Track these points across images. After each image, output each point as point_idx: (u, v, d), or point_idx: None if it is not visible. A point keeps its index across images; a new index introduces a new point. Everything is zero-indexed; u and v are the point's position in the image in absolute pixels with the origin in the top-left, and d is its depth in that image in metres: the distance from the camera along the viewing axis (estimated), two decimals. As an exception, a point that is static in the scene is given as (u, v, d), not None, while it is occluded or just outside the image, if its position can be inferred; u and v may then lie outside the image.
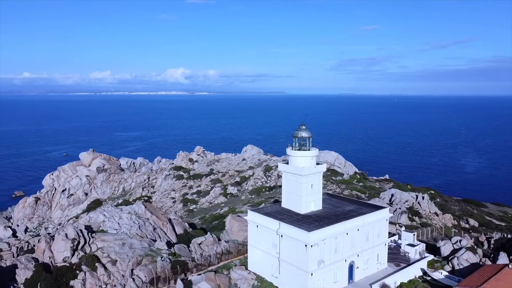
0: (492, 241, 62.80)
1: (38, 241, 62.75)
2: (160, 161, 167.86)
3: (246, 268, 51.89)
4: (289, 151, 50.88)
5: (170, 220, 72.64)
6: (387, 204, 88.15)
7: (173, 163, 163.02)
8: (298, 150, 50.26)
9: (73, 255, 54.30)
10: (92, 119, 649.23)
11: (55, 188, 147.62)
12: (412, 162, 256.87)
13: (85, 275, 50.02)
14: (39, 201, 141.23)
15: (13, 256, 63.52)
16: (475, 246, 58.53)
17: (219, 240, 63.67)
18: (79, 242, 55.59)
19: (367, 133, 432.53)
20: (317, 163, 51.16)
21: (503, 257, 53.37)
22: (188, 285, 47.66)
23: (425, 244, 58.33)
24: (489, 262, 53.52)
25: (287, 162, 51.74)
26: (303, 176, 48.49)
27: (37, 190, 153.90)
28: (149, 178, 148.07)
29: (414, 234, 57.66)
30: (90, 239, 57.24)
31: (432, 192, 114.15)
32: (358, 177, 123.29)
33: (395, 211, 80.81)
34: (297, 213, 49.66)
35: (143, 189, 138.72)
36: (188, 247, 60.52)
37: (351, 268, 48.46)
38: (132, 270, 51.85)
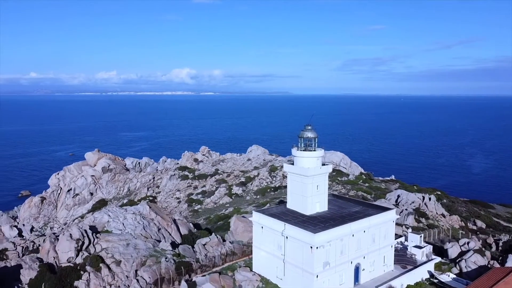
0: (500, 243, 62.00)
1: (43, 241, 62.80)
2: (165, 161, 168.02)
3: (251, 270, 51.48)
4: (294, 151, 50.41)
5: (174, 220, 72.43)
6: (393, 205, 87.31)
7: (178, 163, 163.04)
8: (303, 151, 49.77)
9: (77, 255, 54.22)
10: (98, 119, 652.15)
11: (61, 188, 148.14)
12: (418, 163, 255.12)
13: (89, 275, 49.93)
14: (44, 201, 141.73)
15: (18, 255, 63.69)
16: (483, 248, 57.73)
17: (224, 241, 63.31)
18: (83, 243, 55.49)
19: (372, 133, 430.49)
20: (323, 164, 50.64)
21: (512, 260, 52.65)
22: (192, 286, 47.38)
23: (432, 246, 57.56)
24: (498, 265, 52.76)
25: (293, 163, 51.26)
26: (309, 177, 48.01)
27: (43, 190, 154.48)
28: (154, 178, 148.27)
29: (421, 236, 56.84)
30: (94, 239, 57.12)
31: (439, 193, 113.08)
32: (364, 177, 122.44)
33: (401, 212, 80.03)
34: (303, 214, 49.18)
35: (148, 189, 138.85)
36: (193, 247, 60.27)
37: (357, 270, 47.88)
38: (136, 271, 51.67)
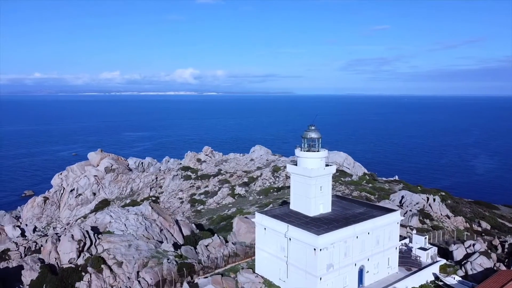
0: (506, 245, 61.11)
1: (45, 241, 62.51)
2: (168, 161, 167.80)
3: (254, 272, 50.98)
4: (297, 152, 49.81)
5: (177, 221, 72.00)
6: (397, 206, 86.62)
7: (181, 163, 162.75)
8: (307, 151, 49.20)
9: (79, 256, 53.87)
10: (102, 119, 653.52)
11: (64, 188, 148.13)
12: (422, 163, 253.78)
13: (90, 277, 49.57)
14: (47, 201, 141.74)
15: (20, 256, 63.50)
16: (489, 251, 56.92)
17: (226, 242, 62.82)
18: (85, 244, 55.13)
19: (376, 133, 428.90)
20: (327, 165, 50.06)
21: (518, 262, 51.90)
22: (195, 288, 46.94)
23: (437, 248, 56.83)
24: (504, 267, 52.00)
25: (296, 163, 50.71)
26: (312, 178, 47.41)
27: (46, 190, 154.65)
28: (157, 178, 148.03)
29: (425, 238, 56.17)
30: (96, 240, 56.76)
31: (443, 193, 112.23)
32: (368, 178, 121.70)
33: (405, 213, 79.34)
34: (306, 215, 48.60)
35: (151, 189, 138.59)
36: (195, 249, 59.81)
37: (361, 272, 47.29)
38: (138, 272, 51.25)
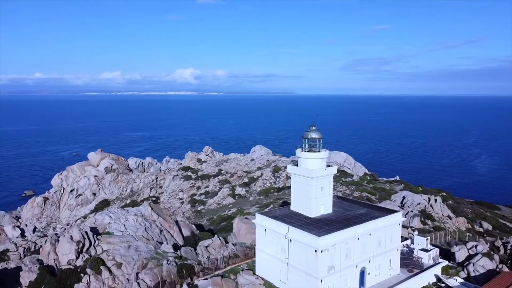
0: (508, 246, 60.61)
1: (45, 241, 62.09)
2: (168, 161, 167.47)
3: (254, 273, 50.52)
4: (298, 152, 49.35)
5: (177, 222, 71.56)
6: (399, 206, 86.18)
7: (182, 163, 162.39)
8: (308, 152, 48.75)
9: (78, 257, 53.43)
10: (102, 119, 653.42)
11: (64, 188, 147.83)
12: (422, 163, 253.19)
13: (89, 278, 49.12)
14: (47, 201, 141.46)
15: (20, 256, 63.04)
16: (491, 252, 56.43)
17: (227, 243, 62.38)
18: (84, 245, 54.69)
19: (376, 133, 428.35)
20: (328, 165, 49.61)
21: (521, 264, 51.41)
22: (194, 290, 46.51)
23: (438, 249, 56.30)
24: (507, 269, 51.53)
25: (297, 164, 50.23)
26: (313, 179, 46.96)
27: (46, 190, 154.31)
28: (157, 178, 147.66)
29: (427, 239, 55.70)
30: (95, 241, 56.32)
31: (444, 194, 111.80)
32: (368, 178, 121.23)
33: (407, 214, 78.91)
34: (307, 216, 48.16)
35: (151, 189, 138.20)
36: (195, 249, 59.38)
37: (362, 274, 46.79)
38: (137, 273, 50.81)
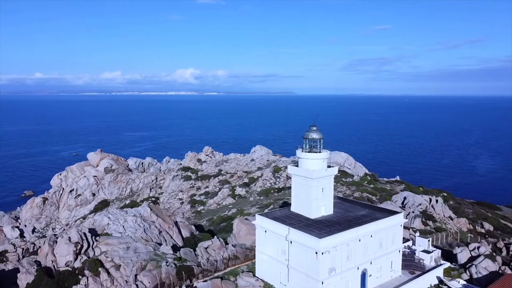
0: (511, 248, 60.07)
1: (43, 243, 61.54)
2: (168, 162, 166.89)
3: (254, 275, 49.94)
4: (299, 153, 48.77)
5: (176, 223, 71.00)
6: (400, 207, 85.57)
7: (181, 163, 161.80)
8: (308, 152, 48.18)
9: (76, 259, 52.85)
10: (102, 119, 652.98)
11: (63, 189, 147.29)
12: (423, 163, 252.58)
13: (87, 280, 48.59)
14: (46, 201, 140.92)
15: (18, 257, 62.47)
16: (493, 253, 55.84)
17: (227, 244, 61.80)
18: (82, 246, 54.13)
19: (377, 133, 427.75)
20: (328, 166, 49.05)
21: (524, 266, 50.84)
22: (194, 292, 45.95)
23: (440, 251, 55.71)
24: (509, 271, 50.96)
25: (297, 164, 49.64)
26: (314, 179, 46.39)
27: (46, 190, 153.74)
28: (157, 178, 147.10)
29: (429, 240, 55.12)
30: (93, 242, 55.77)
31: (445, 194, 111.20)
32: (369, 178, 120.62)
33: (408, 215, 78.26)
34: (307, 218, 47.58)
35: (150, 190, 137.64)
36: (194, 251, 58.82)
37: (363, 276, 46.22)
38: (136, 275, 50.26)
